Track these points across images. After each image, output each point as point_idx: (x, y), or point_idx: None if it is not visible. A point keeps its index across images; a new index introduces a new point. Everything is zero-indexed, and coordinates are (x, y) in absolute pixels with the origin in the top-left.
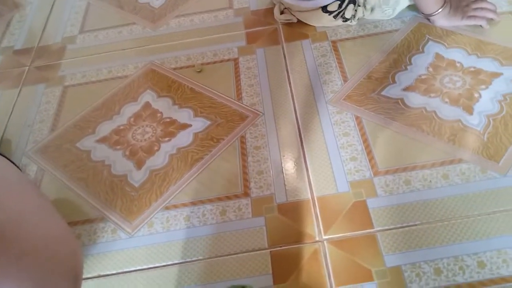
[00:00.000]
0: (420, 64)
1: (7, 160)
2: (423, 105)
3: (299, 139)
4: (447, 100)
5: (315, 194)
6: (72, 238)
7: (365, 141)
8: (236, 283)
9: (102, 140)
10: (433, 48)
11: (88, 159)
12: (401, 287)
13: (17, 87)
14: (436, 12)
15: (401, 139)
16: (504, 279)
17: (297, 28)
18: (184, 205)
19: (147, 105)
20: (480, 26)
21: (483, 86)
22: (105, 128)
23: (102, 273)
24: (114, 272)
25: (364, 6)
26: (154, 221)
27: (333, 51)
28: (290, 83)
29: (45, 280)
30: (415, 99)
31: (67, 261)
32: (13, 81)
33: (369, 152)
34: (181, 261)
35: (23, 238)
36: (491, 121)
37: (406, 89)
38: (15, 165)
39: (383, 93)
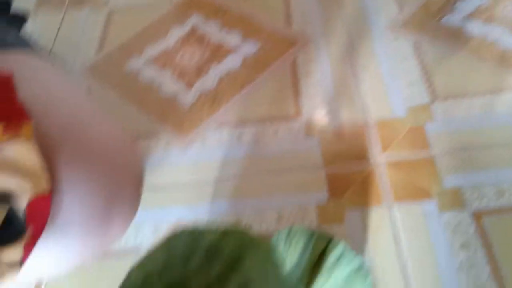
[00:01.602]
0: None
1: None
2: (484, 34)
3: (352, 64)
4: (509, 28)
5: (370, 118)
6: (132, 142)
7: (423, 68)
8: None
9: (150, 62)
10: None
11: (136, 79)
12: (461, 207)
13: (61, 11)
14: None
15: (460, 66)
16: None
17: None
18: (236, 124)
19: (194, 28)
20: None
21: None
22: (153, 51)
23: (156, 184)
24: (167, 183)
25: None
26: (206, 138)
27: None
28: (342, 7)
29: (111, 182)
30: (476, 28)
31: (130, 164)
32: (57, 4)
33: (427, 79)
34: (233, 175)
35: (88, 139)
36: None
37: (466, 17)
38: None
39: (443, 20)
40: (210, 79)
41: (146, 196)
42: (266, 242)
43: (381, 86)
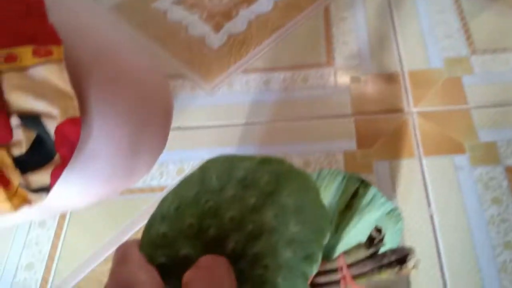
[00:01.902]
0: None
1: None
2: None
3: (389, 12)
4: None
5: (405, 68)
6: (162, 72)
7: (462, 19)
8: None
9: (178, 2)
10: None
11: (164, 19)
12: (495, 161)
13: None
14: None
15: (501, 20)
16: None
17: None
18: (264, 69)
19: None
20: None
21: None
22: None
23: (182, 126)
24: (193, 125)
25: None
26: (233, 82)
27: None
28: None
29: (140, 112)
30: None
31: (159, 91)
32: None
33: (466, 31)
34: (260, 120)
35: (118, 67)
36: None
37: None
38: None
39: None
40: (239, 22)
41: (172, 136)
42: (303, 172)
43: (418, 35)
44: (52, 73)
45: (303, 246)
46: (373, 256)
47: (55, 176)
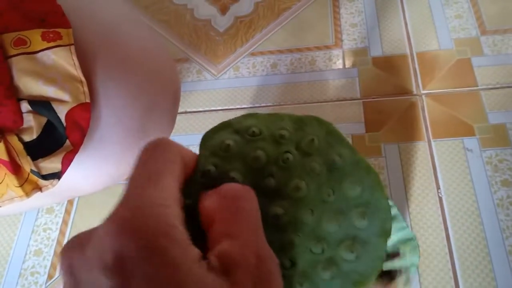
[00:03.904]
0: None
1: None
2: None
3: None
4: None
5: (414, 50)
6: (170, 55)
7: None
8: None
9: None
10: None
11: (169, 1)
12: (505, 143)
13: None
14: None
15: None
16: None
17: None
18: (271, 52)
19: None
20: None
21: None
22: None
23: (188, 110)
24: (200, 109)
25: None
26: (239, 66)
27: None
28: None
29: (148, 94)
30: None
31: (166, 73)
32: None
33: (476, 11)
34: (267, 104)
35: (125, 45)
36: None
37: None
38: None
39: None
40: (246, 4)
41: (178, 120)
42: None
43: (427, 16)
44: (62, 58)
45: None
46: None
47: (66, 162)
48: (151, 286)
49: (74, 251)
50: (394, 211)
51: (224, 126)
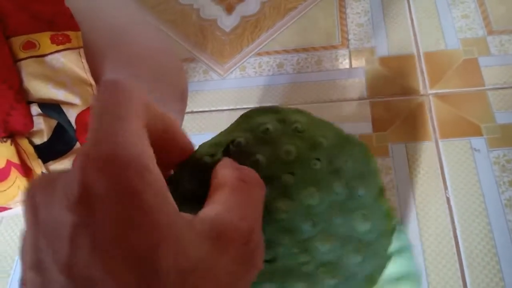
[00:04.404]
0: None
1: None
2: None
3: None
4: None
5: (421, 50)
6: (177, 55)
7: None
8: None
9: None
10: None
11: (175, 1)
12: None
13: None
14: None
15: None
16: None
17: None
18: (277, 52)
19: None
20: None
21: None
22: None
23: (195, 110)
24: (206, 109)
25: None
26: (246, 66)
27: None
28: None
29: (154, 88)
30: None
31: (174, 74)
32: None
33: (483, 11)
34: (273, 104)
35: (133, 46)
36: None
37: None
38: None
39: None
40: (252, 4)
41: (185, 120)
42: (362, 143)
43: (434, 16)
44: (71, 61)
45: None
46: None
47: None
48: (118, 228)
49: (38, 187)
50: (404, 240)
51: (272, 111)
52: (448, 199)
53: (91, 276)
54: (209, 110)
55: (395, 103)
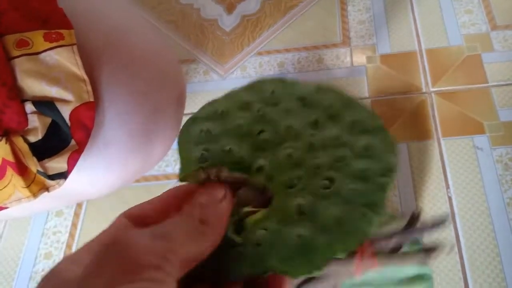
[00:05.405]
0: None
1: None
2: None
3: None
4: None
5: (423, 46)
6: (175, 57)
7: None
8: None
9: None
10: None
11: (176, 1)
12: None
13: None
14: None
15: None
16: None
17: None
18: (278, 51)
19: None
20: None
21: None
22: None
23: (195, 111)
24: None
25: None
26: (247, 65)
27: None
28: None
29: (153, 96)
30: None
31: (172, 77)
32: None
33: (487, 6)
34: None
35: (130, 47)
36: None
37: None
38: None
39: None
40: (252, 2)
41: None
42: (364, 106)
43: (437, 11)
44: (64, 58)
45: (379, 158)
46: (401, 231)
47: (72, 162)
48: None
49: None
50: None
51: (191, 121)
52: (450, 198)
53: None
54: None
55: (397, 101)
